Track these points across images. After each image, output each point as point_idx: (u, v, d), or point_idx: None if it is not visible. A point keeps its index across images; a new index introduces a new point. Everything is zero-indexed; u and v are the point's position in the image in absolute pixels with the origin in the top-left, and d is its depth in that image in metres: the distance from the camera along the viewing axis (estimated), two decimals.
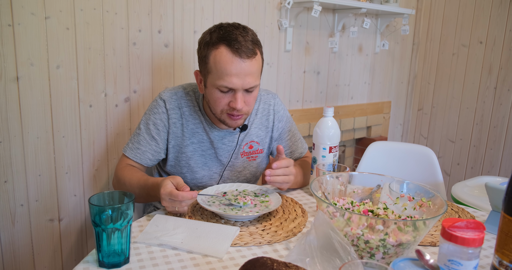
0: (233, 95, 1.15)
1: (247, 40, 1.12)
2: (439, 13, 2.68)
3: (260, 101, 1.37)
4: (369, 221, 0.78)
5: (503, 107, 2.45)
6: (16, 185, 1.44)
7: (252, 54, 1.12)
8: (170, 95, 1.28)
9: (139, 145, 1.26)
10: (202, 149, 1.29)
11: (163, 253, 0.87)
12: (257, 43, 1.17)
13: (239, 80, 1.12)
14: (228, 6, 1.84)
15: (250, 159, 1.36)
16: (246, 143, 1.34)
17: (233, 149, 1.31)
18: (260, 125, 1.36)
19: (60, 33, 1.43)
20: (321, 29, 2.23)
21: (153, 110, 1.27)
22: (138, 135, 1.28)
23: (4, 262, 1.46)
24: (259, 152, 1.37)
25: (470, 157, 2.64)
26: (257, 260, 0.69)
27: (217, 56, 1.12)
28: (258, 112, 1.36)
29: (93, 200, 0.81)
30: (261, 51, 1.19)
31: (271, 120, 1.38)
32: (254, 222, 1.03)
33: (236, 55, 1.10)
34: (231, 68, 1.11)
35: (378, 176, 1.00)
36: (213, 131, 1.28)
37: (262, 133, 1.37)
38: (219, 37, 1.13)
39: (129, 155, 1.26)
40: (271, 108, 1.38)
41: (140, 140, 1.27)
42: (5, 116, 1.38)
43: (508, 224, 0.70)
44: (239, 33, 1.13)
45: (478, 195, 1.57)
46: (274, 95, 1.41)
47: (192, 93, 1.30)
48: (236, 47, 1.10)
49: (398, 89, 2.83)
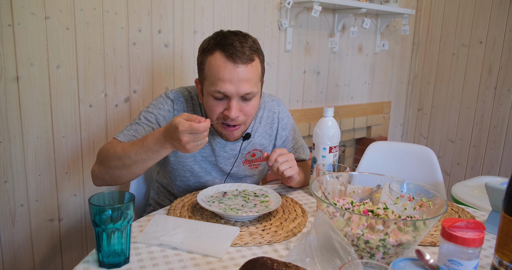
0: (227, 103, 1.11)
1: (244, 46, 1.09)
2: (439, 13, 2.68)
3: (264, 108, 1.33)
4: (369, 221, 0.78)
5: (503, 107, 2.45)
6: (16, 185, 1.44)
7: (248, 60, 1.09)
8: (177, 96, 1.25)
9: (135, 133, 1.17)
10: (203, 155, 1.26)
11: (163, 253, 0.87)
12: (257, 51, 1.13)
13: (233, 86, 1.08)
14: (228, 6, 1.84)
15: (252, 167, 1.33)
16: (249, 151, 1.31)
17: (235, 157, 1.28)
18: (264, 133, 1.33)
19: (60, 33, 1.43)
20: (321, 29, 2.23)
21: (159, 106, 1.22)
22: (136, 124, 1.19)
23: (4, 262, 1.46)
24: (261, 160, 1.34)
25: (470, 157, 2.65)
26: (257, 260, 0.69)
27: (212, 61, 1.10)
28: (262, 120, 1.33)
29: (93, 200, 0.81)
30: (261, 59, 1.15)
31: (275, 129, 1.35)
32: (254, 222, 1.03)
33: (229, 60, 1.07)
34: (223, 73, 1.08)
35: (378, 176, 1.00)
36: (215, 138, 1.26)
37: (265, 142, 1.34)
38: (215, 43, 1.10)
39: (121, 139, 1.15)
40: (275, 116, 1.35)
41: (138, 129, 1.18)
42: (5, 116, 1.38)
43: (508, 224, 0.70)
44: (237, 39, 1.10)
45: (478, 195, 1.57)
46: (279, 101, 1.38)
47: (196, 97, 1.27)
48: (230, 52, 1.07)
49: (398, 89, 2.83)
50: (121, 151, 1.06)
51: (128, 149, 1.05)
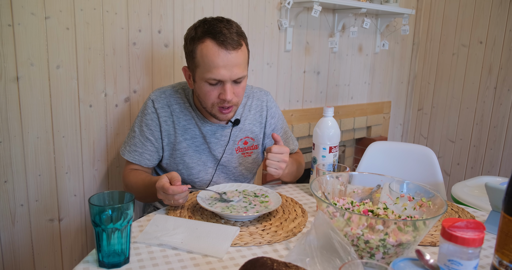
0: (222, 87, 1.18)
1: (231, 32, 1.15)
2: (439, 13, 2.68)
3: (253, 97, 1.40)
4: (369, 221, 0.78)
5: (503, 107, 2.45)
6: (16, 185, 1.44)
7: (237, 46, 1.15)
8: (159, 94, 1.32)
9: (136, 147, 1.31)
10: (196, 145, 1.32)
11: (163, 253, 0.87)
12: (242, 35, 1.19)
13: (227, 72, 1.14)
14: (228, 6, 1.84)
15: (245, 155, 1.38)
16: (241, 139, 1.36)
17: (225, 143, 1.33)
18: (254, 121, 1.39)
19: (60, 33, 1.43)
20: (321, 29, 2.23)
21: (144, 112, 1.31)
22: (133, 138, 1.32)
23: (4, 262, 1.46)
24: (254, 148, 1.40)
25: (470, 157, 2.65)
26: (257, 260, 0.69)
27: (204, 49, 1.14)
28: (252, 108, 1.39)
29: (93, 200, 0.81)
30: (246, 43, 1.21)
31: (264, 116, 1.41)
32: (254, 222, 1.03)
33: (222, 47, 1.13)
34: (218, 60, 1.13)
35: (378, 176, 1.00)
36: (205, 126, 1.31)
37: (256, 129, 1.39)
38: (204, 31, 1.15)
39: (128, 158, 1.31)
40: (264, 104, 1.41)
41: (136, 143, 1.31)
42: (5, 116, 1.38)
43: (508, 224, 0.70)
44: (223, 25, 1.15)
45: (478, 195, 1.57)
46: (267, 92, 1.45)
47: (182, 90, 1.33)
48: (221, 39, 1.12)
49: (398, 89, 2.83)
50: (136, 188, 1.25)
51: (140, 187, 1.23)
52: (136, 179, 1.26)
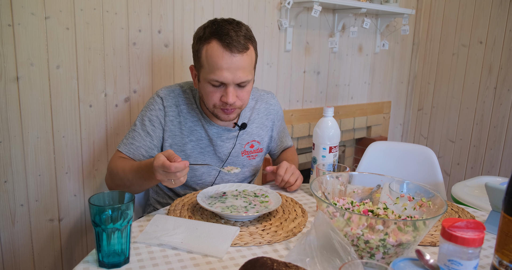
0: (224, 90, 1.16)
1: (239, 35, 1.13)
2: (439, 13, 2.68)
3: (262, 101, 1.40)
4: (369, 221, 0.78)
5: (503, 107, 2.45)
6: (16, 185, 1.44)
7: (243, 49, 1.13)
8: (168, 92, 1.29)
9: (133, 140, 1.25)
10: (201, 146, 1.30)
11: (163, 253, 0.87)
12: (250, 39, 1.17)
13: (230, 74, 1.13)
14: (228, 6, 1.84)
15: (250, 157, 1.38)
16: (248, 142, 1.35)
17: (232, 146, 1.32)
18: (261, 124, 1.39)
19: (60, 33, 1.43)
20: (321, 29, 2.23)
21: (150, 107, 1.27)
22: (133, 131, 1.27)
23: (4, 262, 1.46)
24: (259, 151, 1.40)
25: (470, 157, 2.65)
26: (257, 260, 0.69)
27: (209, 50, 1.14)
28: (260, 111, 1.39)
29: (93, 200, 0.81)
30: (255, 47, 1.20)
31: (271, 120, 1.41)
32: (254, 222, 1.03)
33: (226, 49, 1.12)
34: (221, 62, 1.12)
35: (378, 176, 1.00)
36: (211, 129, 1.29)
37: (262, 133, 1.39)
38: (211, 31, 1.14)
39: (122, 150, 1.25)
40: (271, 108, 1.42)
41: (134, 136, 1.26)
42: (5, 116, 1.38)
43: (508, 224, 0.70)
44: (232, 28, 1.14)
45: (478, 195, 1.57)
46: (272, 94, 1.45)
47: (189, 90, 1.31)
48: (227, 41, 1.12)
49: (398, 89, 2.83)
50: (122, 173, 1.16)
51: (127, 172, 1.14)
52: (124, 164, 1.18)
